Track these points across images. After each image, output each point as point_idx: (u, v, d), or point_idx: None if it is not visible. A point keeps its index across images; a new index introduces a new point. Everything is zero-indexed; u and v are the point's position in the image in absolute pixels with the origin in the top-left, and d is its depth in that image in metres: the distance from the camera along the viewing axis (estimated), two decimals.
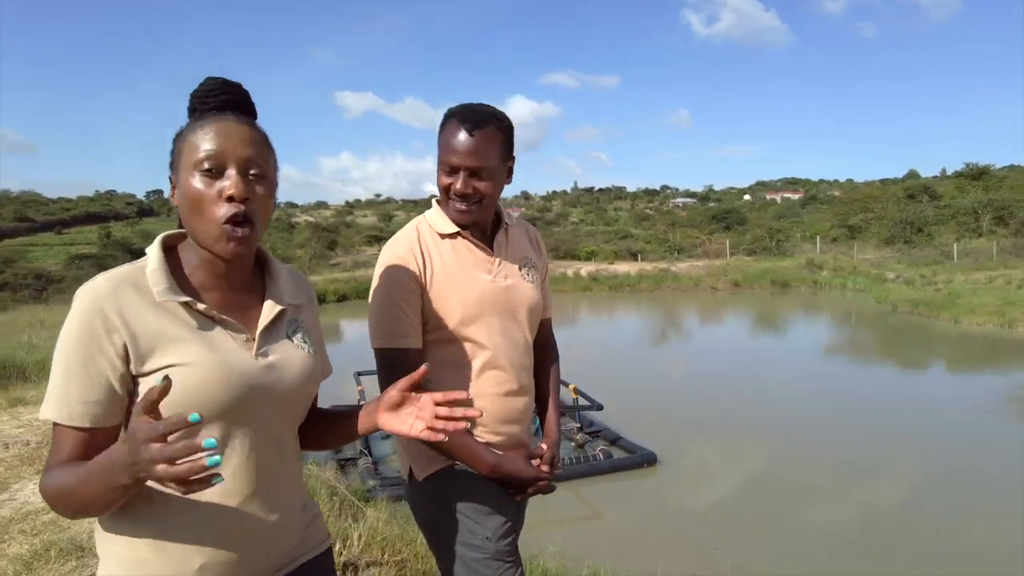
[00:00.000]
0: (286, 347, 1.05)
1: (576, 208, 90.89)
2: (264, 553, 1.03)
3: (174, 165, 1.00)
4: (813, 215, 48.41)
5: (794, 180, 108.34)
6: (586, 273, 28.82)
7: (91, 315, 0.90)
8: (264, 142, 1.01)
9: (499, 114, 1.50)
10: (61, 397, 0.90)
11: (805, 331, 17.11)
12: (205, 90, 1.03)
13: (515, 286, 1.55)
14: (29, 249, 45.78)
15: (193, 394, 0.92)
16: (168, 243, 1.02)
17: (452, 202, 1.47)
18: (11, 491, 3.38)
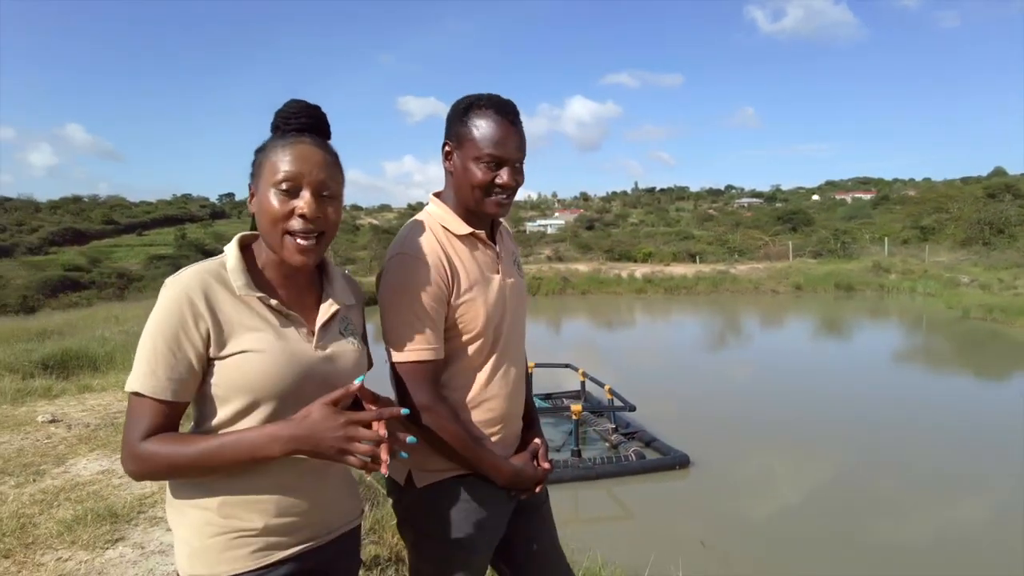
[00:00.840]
0: (339, 341, 1.16)
1: (636, 209, 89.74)
2: (317, 518, 1.14)
3: (255, 176, 1.12)
4: (885, 216, 46.25)
5: (866, 180, 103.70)
6: (640, 275, 28.53)
7: (180, 303, 1.02)
8: (336, 164, 1.13)
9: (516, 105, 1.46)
10: (149, 372, 1.01)
11: (869, 336, 16.44)
12: (288, 112, 1.13)
13: (516, 284, 1.54)
14: (113, 250, 48.70)
15: (261, 377, 1.04)
16: (243, 242, 1.14)
17: (493, 198, 1.41)
18: (67, 465, 3.75)
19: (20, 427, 4.56)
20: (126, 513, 3.01)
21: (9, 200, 67.30)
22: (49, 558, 2.59)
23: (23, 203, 65.69)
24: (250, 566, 1.06)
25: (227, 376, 1.04)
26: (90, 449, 4.04)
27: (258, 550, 1.07)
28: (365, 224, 65.80)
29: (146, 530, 2.87)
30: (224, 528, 1.05)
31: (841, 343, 15.77)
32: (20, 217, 56.71)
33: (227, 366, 1.04)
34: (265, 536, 1.07)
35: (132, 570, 2.51)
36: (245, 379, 1.03)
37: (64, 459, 3.85)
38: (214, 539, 1.05)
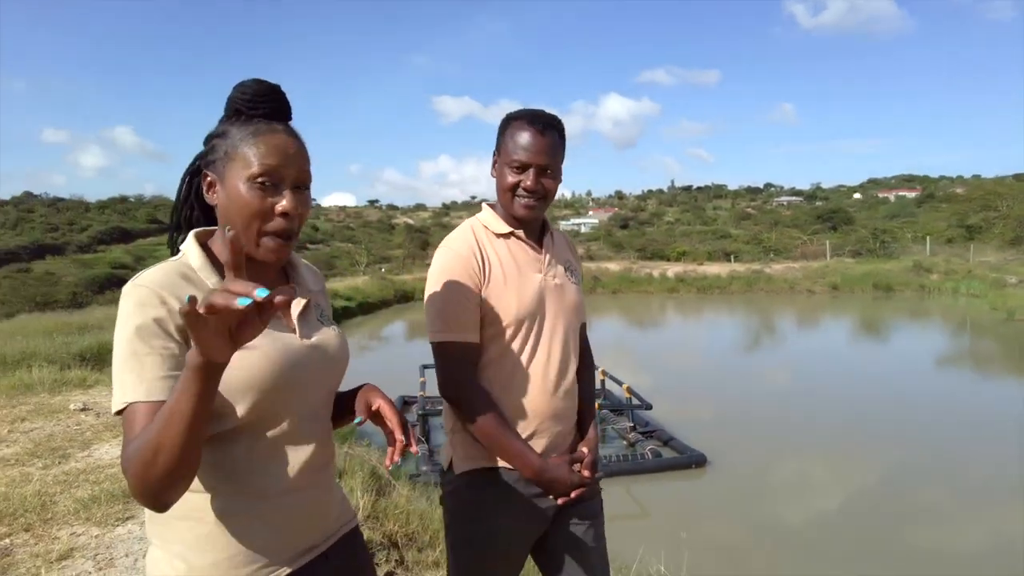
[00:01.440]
0: (320, 329, 1.12)
1: (672, 207, 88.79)
2: (317, 519, 1.10)
3: (215, 164, 1.02)
4: (930, 215, 44.84)
5: (911, 177, 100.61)
6: (673, 274, 28.31)
7: (152, 301, 0.93)
8: (306, 152, 1.07)
9: (558, 119, 1.57)
10: (137, 377, 0.90)
11: (909, 338, 15.98)
12: (252, 93, 1.04)
13: (563, 286, 1.59)
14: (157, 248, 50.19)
15: (256, 374, 0.98)
16: (200, 239, 1.06)
17: (519, 199, 1.52)
18: (91, 450, 3.99)
19: (54, 414, 4.84)
20: None
21: (62, 200, 70.08)
22: (64, 532, 2.80)
23: (74, 203, 68.32)
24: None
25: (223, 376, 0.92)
26: (113, 436, 4.28)
27: (264, 567, 1.01)
28: (400, 223, 66.52)
29: None
30: (225, 543, 0.98)
31: (879, 344, 15.40)
32: (71, 217, 58.97)
33: None
34: (269, 550, 1.01)
35: (137, 545, 2.70)
36: (242, 376, 0.96)
37: (89, 444, 4.09)
38: (215, 557, 0.98)
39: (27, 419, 4.69)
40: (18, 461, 3.73)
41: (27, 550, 2.63)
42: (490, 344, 1.50)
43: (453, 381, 1.47)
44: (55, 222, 55.64)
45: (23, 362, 6.27)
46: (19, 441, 4.14)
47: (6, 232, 50.26)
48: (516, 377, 1.51)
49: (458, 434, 1.53)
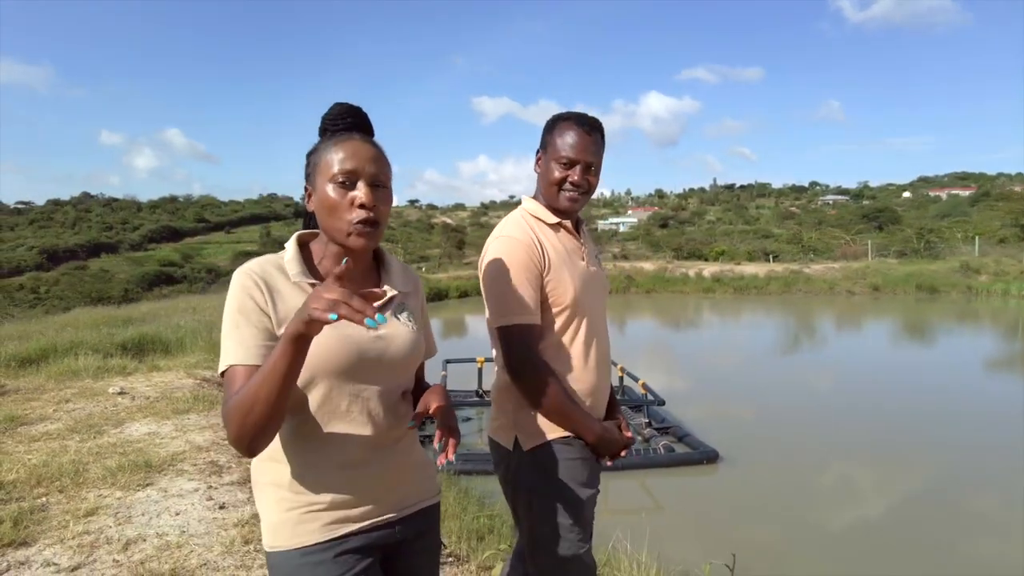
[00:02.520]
0: (394, 323, 1.21)
1: (714, 206, 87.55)
2: (385, 490, 1.20)
3: (310, 177, 1.18)
4: (984, 214, 43.18)
5: (965, 175, 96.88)
6: (709, 274, 28.06)
7: (251, 283, 1.10)
8: (384, 157, 1.19)
9: (600, 122, 1.71)
10: (238, 344, 1.07)
11: (954, 341, 15.37)
12: (335, 114, 1.20)
13: (600, 273, 1.75)
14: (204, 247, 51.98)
15: (318, 356, 1.08)
16: (301, 240, 1.22)
17: (564, 193, 1.65)
18: (123, 427, 4.38)
19: (94, 397, 5.27)
20: (159, 465, 3.57)
21: (116, 200, 73.29)
22: (92, 494, 3.16)
23: (127, 203, 71.41)
24: (320, 538, 1.13)
25: None
26: (144, 416, 4.67)
27: (327, 524, 1.13)
28: (439, 223, 67.26)
29: (172, 479, 3.41)
30: (295, 503, 1.12)
31: (920, 347, 14.94)
32: (124, 216, 61.65)
33: None
34: (333, 510, 1.13)
35: (154, 507, 3.04)
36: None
37: (122, 423, 4.48)
38: (287, 514, 1.12)
39: (71, 400, 5.13)
40: (59, 435, 4.14)
41: (60, 507, 2.99)
42: (549, 327, 1.61)
43: (521, 361, 1.56)
44: (110, 221, 58.19)
45: (71, 351, 6.77)
46: (62, 419, 4.56)
47: (65, 231, 52.75)
48: (573, 357, 1.63)
49: (523, 411, 1.63)
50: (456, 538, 3.29)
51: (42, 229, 53.22)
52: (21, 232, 52.00)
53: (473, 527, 3.72)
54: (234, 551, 2.63)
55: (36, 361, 6.52)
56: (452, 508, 3.92)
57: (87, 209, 64.38)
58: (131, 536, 2.71)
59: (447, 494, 4.45)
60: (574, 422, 1.59)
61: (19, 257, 40.23)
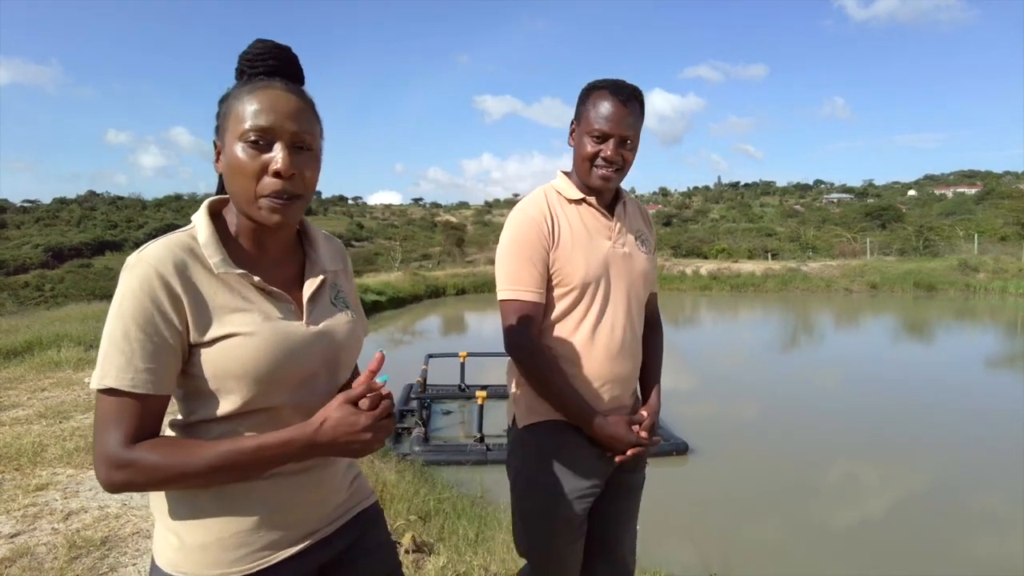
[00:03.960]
0: (332, 313, 1.06)
1: (718, 204, 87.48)
2: (317, 505, 1.05)
3: (219, 130, 0.97)
4: (989, 212, 43.01)
5: (971, 173, 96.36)
6: (706, 272, 28.13)
7: (151, 282, 0.88)
8: (312, 112, 0.99)
9: (640, 90, 1.57)
10: (125, 364, 0.86)
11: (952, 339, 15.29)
12: (254, 53, 0.99)
13: (632, 254, 1.63)
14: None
15: (252, 361, 0.93)
16: (212, 209, 1.00)
17: (596, 169, 1.54)
18: (90, 413, 4.57)
19: (70, 386, 5.47)
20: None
21: (121, 199, 74.01)
22: (46, 472, 3.36)
23: (132, 201, 72.11)
24: (247, 569, 0.96)
25: (216, 363, 0.92)
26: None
27: (257, 550, 0.97)
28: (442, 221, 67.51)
29: None
30: (216, 527, 0.95)
31: (917, 343, 14.86)
32: (129, 214, 62.17)
33: (214, 353, 0.92)
34: (265, 532, 0.97)
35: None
36: (236, 364, 0.92)
37: (90, 409, 4.67)
38: (208, 537, 0.95)
39: (47, 389, 5.35)
40: (27, 420, 4.35)
41: (13, 483, 3.20)
42: (556, 305, 1.54)
43: (519, 338, 1.51)
44: (115, 219, 58.69)
45: (55, 343, 6.98)
46: (34, 406, 4.77)
47: (71, 229, 53.29)
48: (579, 339, 1.54)
49: (522, 388, 1.59)
50: (396, 517, 3.46)
51: (48, 227, 53.83)
52: (27, 230, 52.61)
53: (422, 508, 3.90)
54: None
55: (21, 353, 6.74)
56: (404, 491, 4.09)
57: (92, 207, 65.07)
58: (74, 508, 2.91)
59: (405, 476, 4.61)
60: (567, 408, 1.52)
61: (25, 255, 40.70)
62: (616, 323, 1.58)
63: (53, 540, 2.58)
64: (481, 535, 3.53)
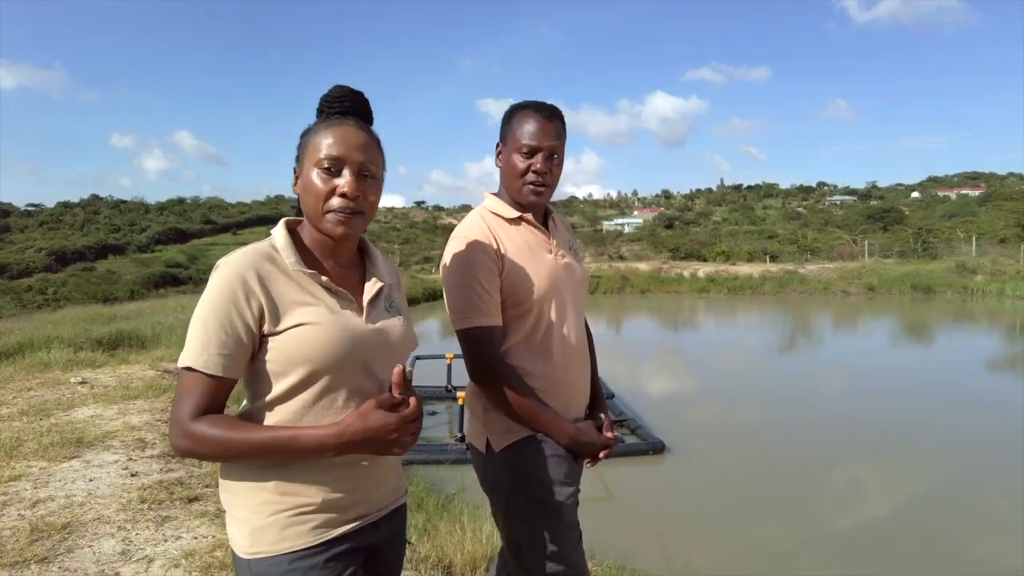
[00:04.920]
0: (387, 316, 1.20)
1: (721, 207, 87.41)
2: (371, 489, 1.17)
3: (300, 159, 1.15)
4: (991, 214, 42.92)
5: (975, 174, 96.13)
6: (704, 274, 28.29)
7: (232, 281, 1.04)
8: (376, 146, 1.16)
9: (559, 109, 1.64)
10: (202, 348, 1.03)
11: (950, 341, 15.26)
12: (332, 96, 1.17)
13: (571, 265, 1.68)
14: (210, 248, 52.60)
15: (319, 347, 1.07)
16: (289, 226, 1.18)
17: (527, 185, 1.59)
18: (71, 411, 4.75)
19: (56, 386, 5.65)
20: (89, 441, 3.95)
21: (124, 202, 74.54)
22: (20, 465, 3.53)
23: (135, 205, 72.70)
24: (310, 542, 1.09)
25: (285, 349, 1.06)
26: (95, 402, 5.05)
27: (317, 526, 1.10)
28: (445, 224, 67.68)
29: (98, 453, 3.78)
30: (282, 505, 1.08)
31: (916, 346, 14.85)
32: (132, 218, 62.76)
33: (284, 340, 1.06)
34: (323, 512, 1.10)
35: (72, 475, 3.41)
36: (304, 350, 1.06)
37: (72, 407, 4.86)
38: (274, 517, 1.07)
39: (33, 389, 5.52)
40: (9, 418, 4.52)
41: None
42: (513, 324, 1.57)
43: (482, 365, 1.53)
44: (118, 223, 59.18)
45: (45, 345, 7.16)
46: (18, 404, 4.94)
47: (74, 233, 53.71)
48: (541, 354, 1.59)
49: (492, 412, 1.59)
50: None
51: (51, 231, 54.33)
52: (31, 234, 53.12)
53: None
54: (129, 508, 2.98)
55: (12, 354, 6.92)
56: None
57: (96, 211, 65.67)
58: (42, 497, 3.08)
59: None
60: (543, 424, 1.55)
61: (28, 259, 41.08)
62: (569, 332, 1.63)
63: (18, 525, 2.75)
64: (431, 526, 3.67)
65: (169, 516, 2.92)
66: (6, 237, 51.58)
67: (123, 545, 2.61)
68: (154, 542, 2.64)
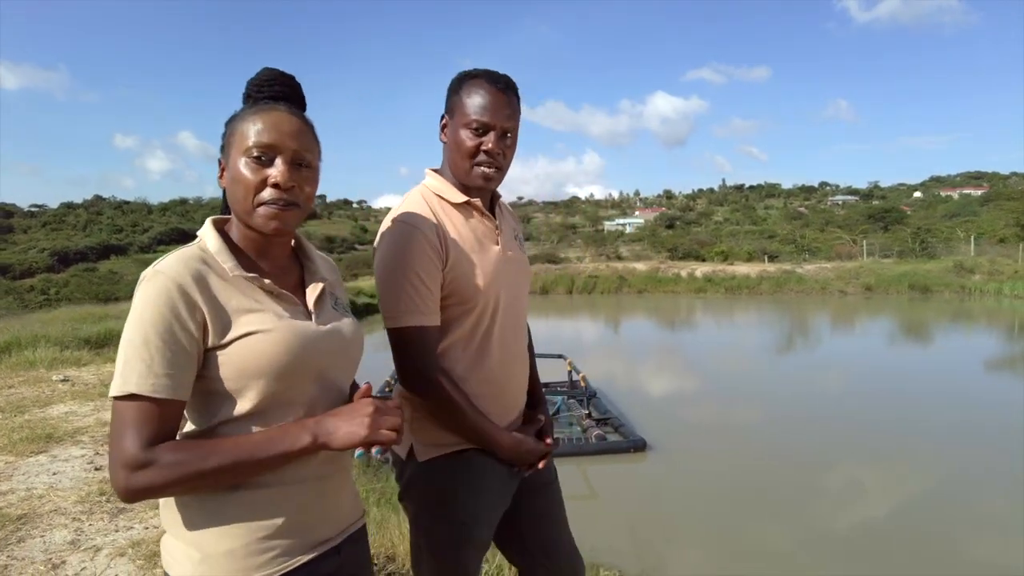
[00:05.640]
0: (336, 316, 1.12)
1: (722, 207, 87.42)
2: (332, 511, 1.09)
3: (225, 148, 1.05)
4: (992, 213, 42.80)
5: (978, 174, 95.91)
6: (701, 274, 28.30)
7: (170, 293, 0.93)
8: (312, 134, 1.07)
9: (514, 82, 1.47)
10: (145, 369, 0.90)
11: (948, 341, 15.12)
12: (261, 80, 1.08)
13: (516, 258, 1.54)
14: None
15: (274, 357, 0.98)
16: (217, 226, 1.07)
17: (478, 167, 1.41)
18: (47, 408, 4.85)
19: (37, 383, 5.75)
20: (59, 437, 4.05)
21: (127, 203, 75.02)
22: None
23: (138, 206, 73.16)
24: (270, 573, 0.99)
25: (236, 362, 0.97)
26: (72, 399, 5.15)
27: (278, 555, 1.00)
28: None
29: (66, 448, 3.88)
30: (239, 533, 0.98)
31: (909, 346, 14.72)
32: (135, 219, 63.12)
33: (234, 352, 0.97)
34: (284, 538, 1.01)
35: (37, 469, 3.51)
36: (257, 361, 0.97)
37: (48, 404, 4.96)
38: (231, 544, 0.97)
39: (14, 387, 5.63)
40: None
41: None
42: (454, 323, 1.41)
43: (416, 369, 1.36)
44: (120, 224, 59.51)
45: (32, 344, 7.27)
46: None
47: (77, 233, 54.06)
48: (480, 355, 1.44)
49: (420, 421, 1.44)
50: None
51: (54, 232, 54.72)
52: (34, 234, 53.54)
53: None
54: (87, 500, 3.08)
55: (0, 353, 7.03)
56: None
57: (98, 212, 66.10)
58: (3, 489, 3.18)
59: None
60: (479, 435, 1.42)
61: (31, 259, 41.40)
62: (511, 332, 1.50)
63: None
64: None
65: (125, 508, 3.01)
66: (9, 238, 51.92)
67: (74, 535, 2.70)
68: (105, 532, 2.74)
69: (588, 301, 24.34)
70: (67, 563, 2.46)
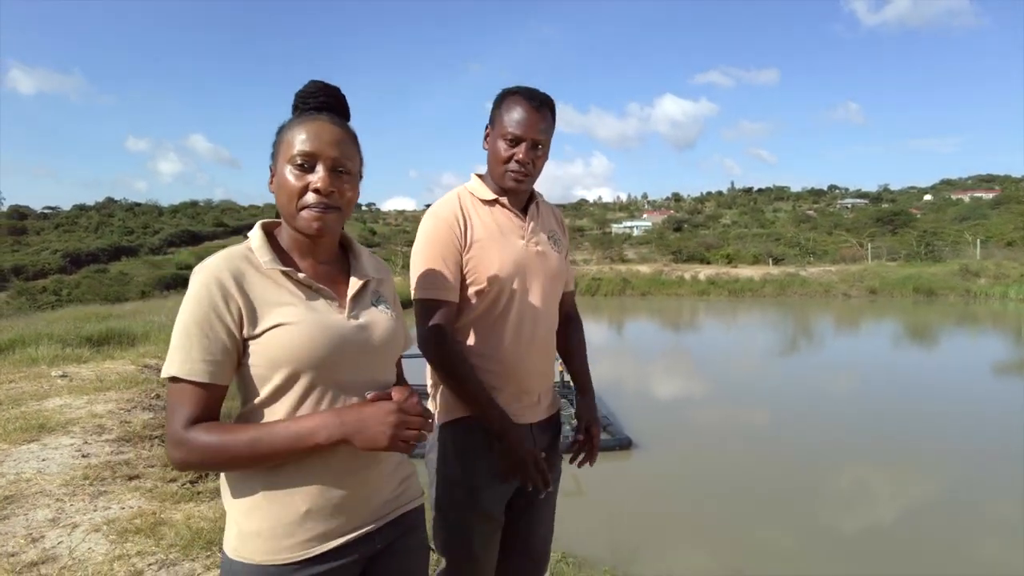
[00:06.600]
0: (372, 312, 1.18)
1: (731, 210, 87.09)
2: (363, 500, 1.13)
3: (274, 156, 1.13)
4: (1003, 216, 42.42)
5: (989, 177, 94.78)
6: (704, 277, 28.35)
7: (209, 286, 1.03)
8: (352, 141, 1.15)
9: (551, 98, 1.65)
10: (185, 355, 1.01)
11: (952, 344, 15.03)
12: (307, 92, 1.16)
13: (544, 253, 1.69)
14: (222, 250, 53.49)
15: (298, 348, 1.05)
16: (266, 228, 1.16)
17: (509, 172, 1.60)
18: (43, 401, 5.07)
19: (38, 379, 5.97)
20: (52, 427, 4.26)
21: (139, 205, 76.00)
22: None
23: (149, 208, 74.16)
24: (296, 556, 1.06)
25: (264, 352, 1.05)
26: (68, 393, 5.37)
27: (305, 540, 1.07)
28: None
29: (58, 438, 4.09)
30: (270, 515, 1.06)
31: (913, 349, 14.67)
32: (146, 221, 63.94)
33: (263, 343, 1.05)
34: (312, 524, 1.07)
35: (28, 456, 3.72)
36: (283, 352, 1.05)
37: (45, 398, 5.18)
38: (260, 524, 1.06)
39: (15, 381, 5.84)
40: None
41: None
42: (471, 303, 1.58)
43: (427, 335, 1.54)
44: (131, 226, 60.25)
45: (35, 341, 7.51)
46: None
47: (88, 235, 54.77)
48: (494, 335, 1.59)
49: (439, 387, 1.63)
50: None
51: (67, 233, 55.53)
52: (47, 236, 54.35)
53: None
54: (71, 483, 3.29)
55: (3, 350, 7.27)
56: None
57: (110, 214, 67.04)
58: None
59: None
60: (479, 406, 1.55)
61: (44, 260, 42.03)
62: (530, 319, 1.63)
63: None
64: None
65: (106, 491, 3.21)
66: (23, 239, 52.69)
67: (55, 514, 2.91)
68: (84, 512, 2.94)
69: (591, 303, 24.44)
70: (45, 537, 2.67)
